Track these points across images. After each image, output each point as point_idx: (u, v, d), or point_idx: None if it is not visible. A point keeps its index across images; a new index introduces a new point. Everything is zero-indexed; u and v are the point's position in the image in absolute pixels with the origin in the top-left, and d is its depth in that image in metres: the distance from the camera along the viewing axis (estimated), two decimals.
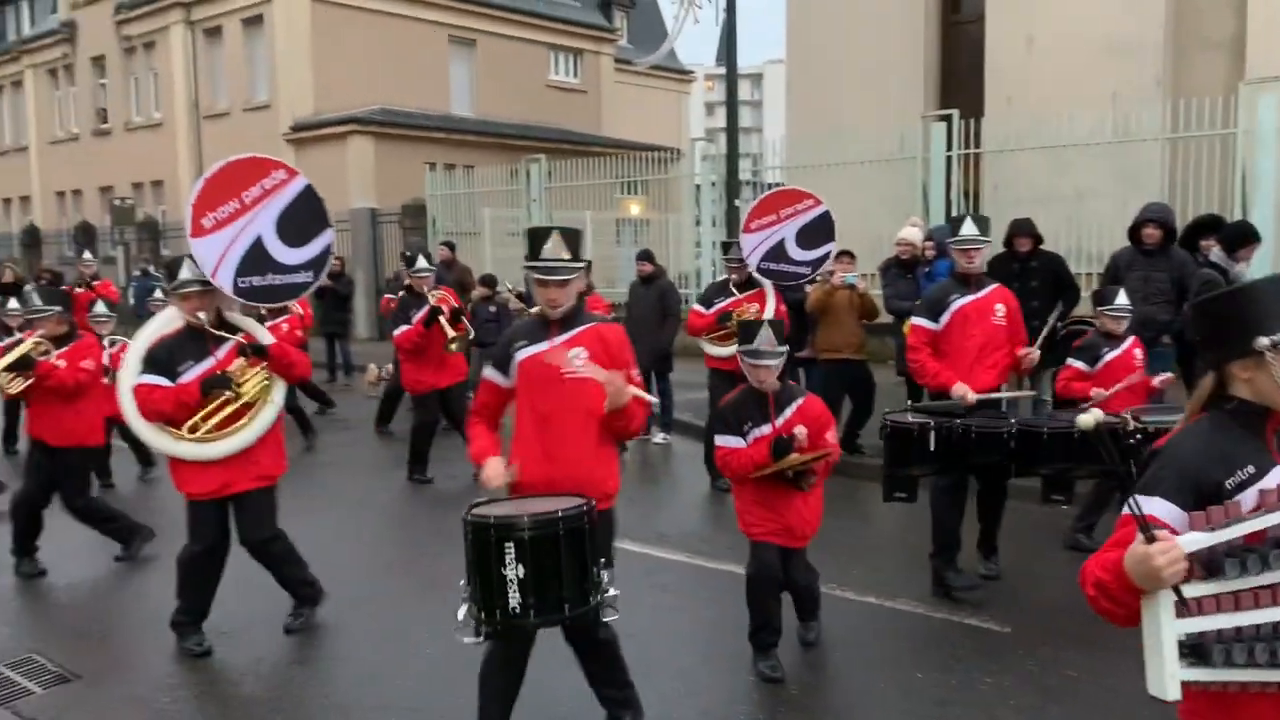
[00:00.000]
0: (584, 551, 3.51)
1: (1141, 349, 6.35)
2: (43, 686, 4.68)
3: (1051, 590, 5.69)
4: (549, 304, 3.78)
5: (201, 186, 4.91)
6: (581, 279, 3.88)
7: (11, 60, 33.04)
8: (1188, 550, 1.94)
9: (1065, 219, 11.42)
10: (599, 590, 3.61)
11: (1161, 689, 2.01)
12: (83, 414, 6.33)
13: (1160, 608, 1.97)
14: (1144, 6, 12.45)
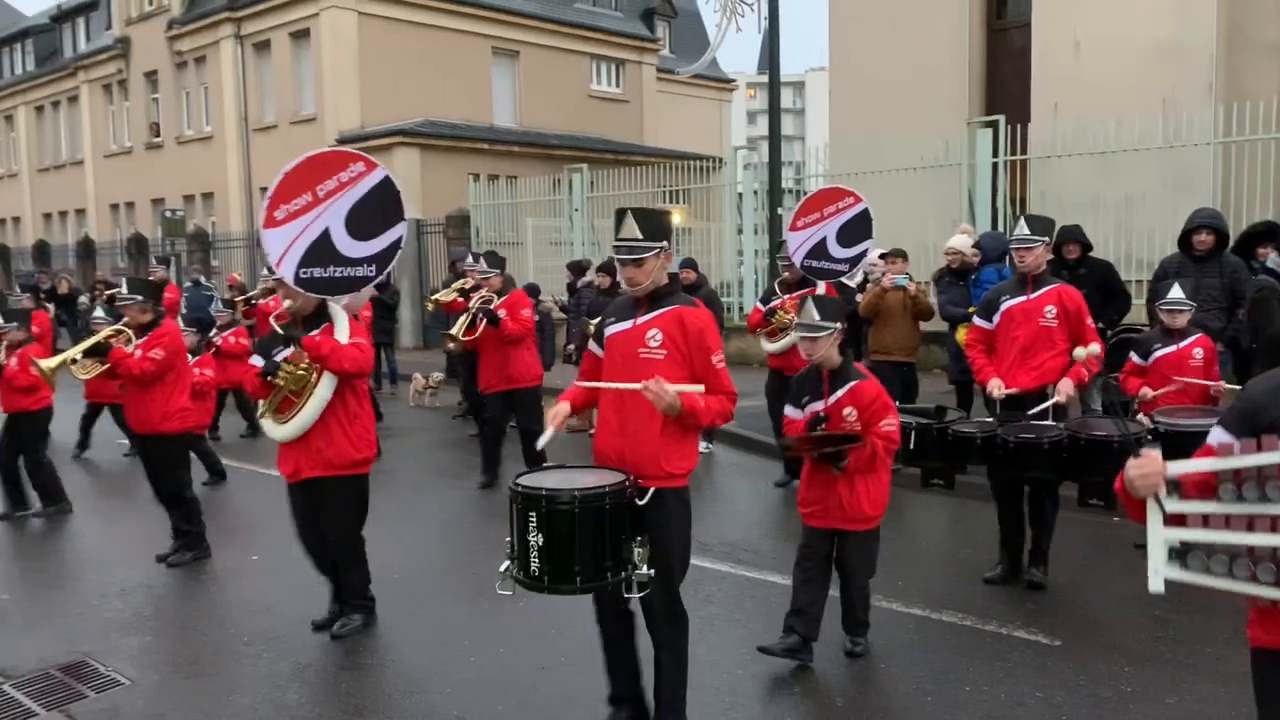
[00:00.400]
0: (601, 528, 3.63)
1: (1205, 349, 6.14)
2: (95, 690, 4.75)
3: (1102, 602, 5.59)
4: (627, 282, 3.87)
5: (280, 180, 5.11)
6: (660, 258, 3.82)
7: (69, 76, 33.85)
8: (1176, 472, 2.33)
9: (1114, 225, 11.26)
10: (622, 567, 3.70)
11: (1149, 582, 2.39)
12: (155, 401, 6.57)
13: (1152, 515, 2.38)
14: (1194, 9, 12.24)
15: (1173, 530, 2.36)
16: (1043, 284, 5.71)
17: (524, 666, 4.88)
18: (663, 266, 3.86)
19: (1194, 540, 2.33)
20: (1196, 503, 2.33)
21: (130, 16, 30.38)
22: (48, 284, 20.64)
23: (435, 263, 20.56)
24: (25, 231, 36.49)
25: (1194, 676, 4.57)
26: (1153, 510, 2.37)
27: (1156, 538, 2.38)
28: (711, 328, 3.85)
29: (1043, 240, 5.69)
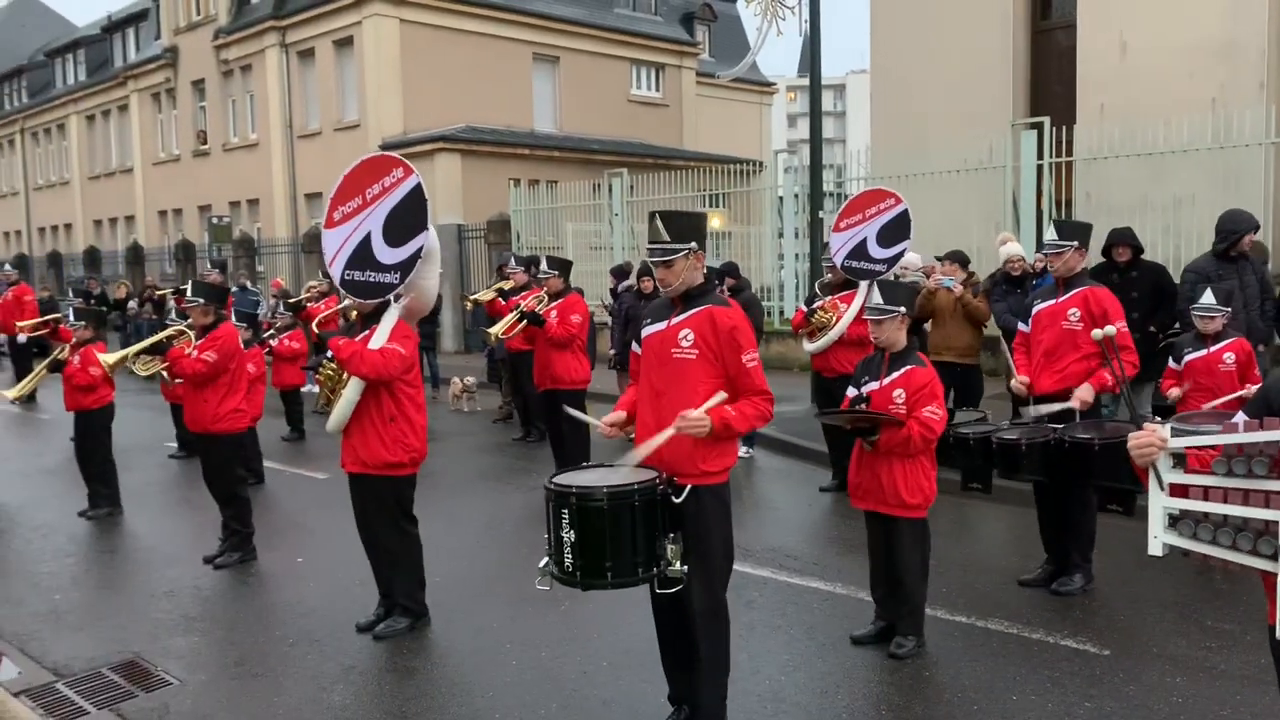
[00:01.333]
0: (632, 525, 3.71)
1: (1239, 352, 6.11)
2: (144, 690, 4.83)
3: (1152, 611, 5.49)
4: (659, 283, 3.95)
5: (340, 182, 5.31)
6: (690, 259, 3.85)
7: (119, 85, 34.52)
8: (1182, 446, 2.52)
9: (1162, 227, 11.08)
10: (656, 563, 3.75)
11: (1149, 546, 2.59)
12: (208, 402, 6.73)
13: (1152, 484, 2.57)
14: (1245, 7, 12.01)
15: (1173, 500, 2.57)
16: (1073, 287, 5.71)
17: (566, 670, 4.89)
18: (693, 267, 3.88)
19: (1190, 509, 2.54)
20: (1197, 475, 2.53)
21: (178, 26, 30.92)
22: (98, 289, 21.08)
23: (476, 267, 20.71)
24: (76, 238, 37.25)
25: (1248, 688, 4.47)
26: (1152, 480, 2.58)
27: (1156, 506, 2.58)
28: (743, 326, 3.84)
29: (1071, 245, 5.68)
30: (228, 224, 25.99)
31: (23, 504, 8.79)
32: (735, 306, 3.94)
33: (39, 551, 7.40)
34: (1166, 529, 2.57)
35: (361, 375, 5.16)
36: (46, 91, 39.92)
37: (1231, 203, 8.41)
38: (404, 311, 5.37)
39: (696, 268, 3.89)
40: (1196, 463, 2.55)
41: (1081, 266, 5.69)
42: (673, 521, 3.80)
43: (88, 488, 8.25)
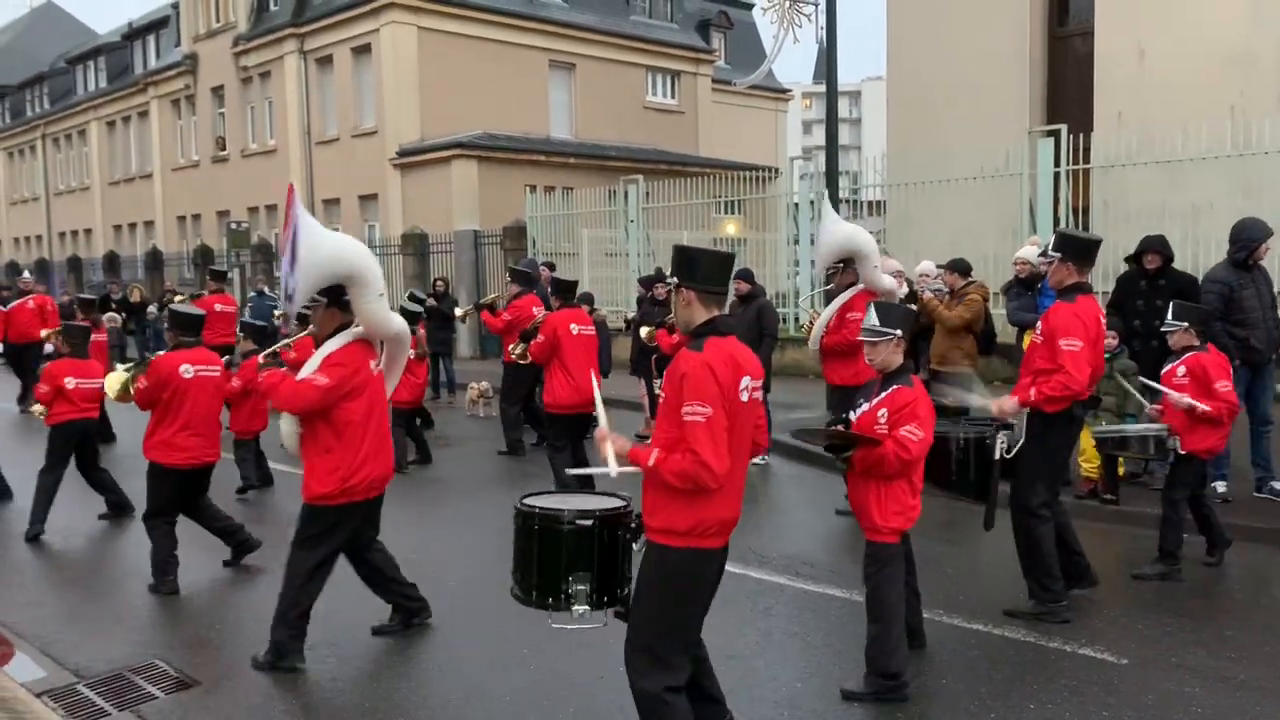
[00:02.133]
0: (550, 554, 3.72)
1: (1192, 366, 6.15)
2: (164, 692, 4.87)
3: (1170, 621, 5.47)
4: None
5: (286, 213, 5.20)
6: (683, 296, 3.62)
7: (139, 92, 34.83)
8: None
9: (1181, 235, 11.01)
10: (554, 596, 3.71)
11: None
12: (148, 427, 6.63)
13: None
14: (1264, 15, 11.97)
15: None
16: (1062, 299, 5.55)
17: (582, 675, 4.90)
18: (685, 304, 3.62)
19: None
20: None
21: (198, 33, 31.17)
22: (118, 294, 21.22)
23: (492, 273, 20.78)
24: (96, 243, 37.57)
25: (1267, 699, 4.45)
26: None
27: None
28: (693, 375, 3.43)
29: (1056, 257, 5.50)
30: (246, 229, 26.15)
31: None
32: (705, 351, 3.50)
33: (59, 554, 7.47)
34: None
35: (277, 408, 5.10)
36: (68, 98, 40.32)
37: (1251, 211, 8.38)
38: (355, 339, 5.10)
39: (688, 305, 3.62)
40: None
41: (1072, 281, 5.43)
42: (600, 562, 3.67)
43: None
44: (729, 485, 3.52)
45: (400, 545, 7.36)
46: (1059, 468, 5.75)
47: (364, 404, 5.07)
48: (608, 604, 3.75)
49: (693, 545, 3.51)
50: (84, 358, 8.21)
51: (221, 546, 7.04)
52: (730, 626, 5.53)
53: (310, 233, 4.88)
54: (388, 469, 5.31)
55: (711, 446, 3.38)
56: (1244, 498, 7.43)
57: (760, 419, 3.78)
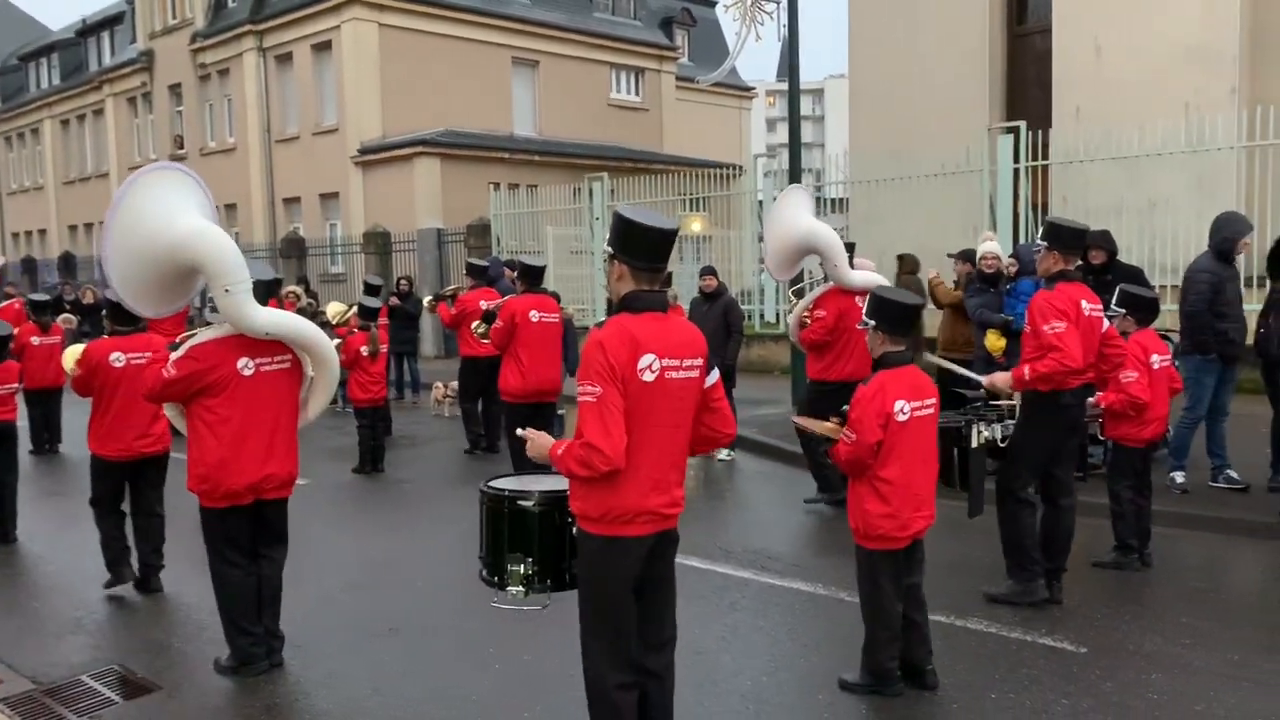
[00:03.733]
0: (495, 534, 3.83)
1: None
2: (125, 697, 4.80)
3: (1129, 610, 5.56)
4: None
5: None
6: (616, 269, 3.45)
7: (94, 89, 34.28)
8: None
9: (1138, 230, 11.21)
10: (499, 574, 3.79)
11: None
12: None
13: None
14: (1218, 13, 12.18)
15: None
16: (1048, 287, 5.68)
17: (550, 672, 4.90)
18: (617, 277, 3.46)
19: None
20: None
21: (154, 30, 30.72)
22: (72, 295, 20.87)
23: (456, 271, 20.67)
24: (51, 243, 36.93)
25: (1222, 684, 4.53)
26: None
27: None
28: (585, 354, 3.34)
29: (1042, 245, 5.62)
30: None
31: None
32: (607, 327, 3.40)
33: (15, 561, 7.35)
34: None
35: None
36: (20, 95, 39.60)
37: (1206, 206, 8.55)
38: (226, 334, 4.84)
39: (619, 278, 3.46)
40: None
41: (1059, 268, 5.53)
42: (542, 544, 3.68)
43: None
44: (640, 471, 3.34)
45: (365, 547, 7.35)
46: (1059, 456, 5.70)
47: (224, 404, 4.79)
48: (551, 586, 3.71)
49: (606, 533, 3.38)
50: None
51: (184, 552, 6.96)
52: (696, 621, 5.55)
53: (127, 218, 4.59)
54: (270, 475, 4.94)
55: (600, 428, 3.24)
56: (1200, 487, 7.56)
57: (714, 402, 3.58)
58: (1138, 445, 6.25)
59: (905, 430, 4.40)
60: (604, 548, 3.41)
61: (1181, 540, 6.82)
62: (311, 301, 14.53)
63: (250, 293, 4.75)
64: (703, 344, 3.53)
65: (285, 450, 5.01)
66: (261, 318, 4.81)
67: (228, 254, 4.71)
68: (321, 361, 5.13)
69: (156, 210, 4.62)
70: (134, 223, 4.61)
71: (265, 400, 4.89)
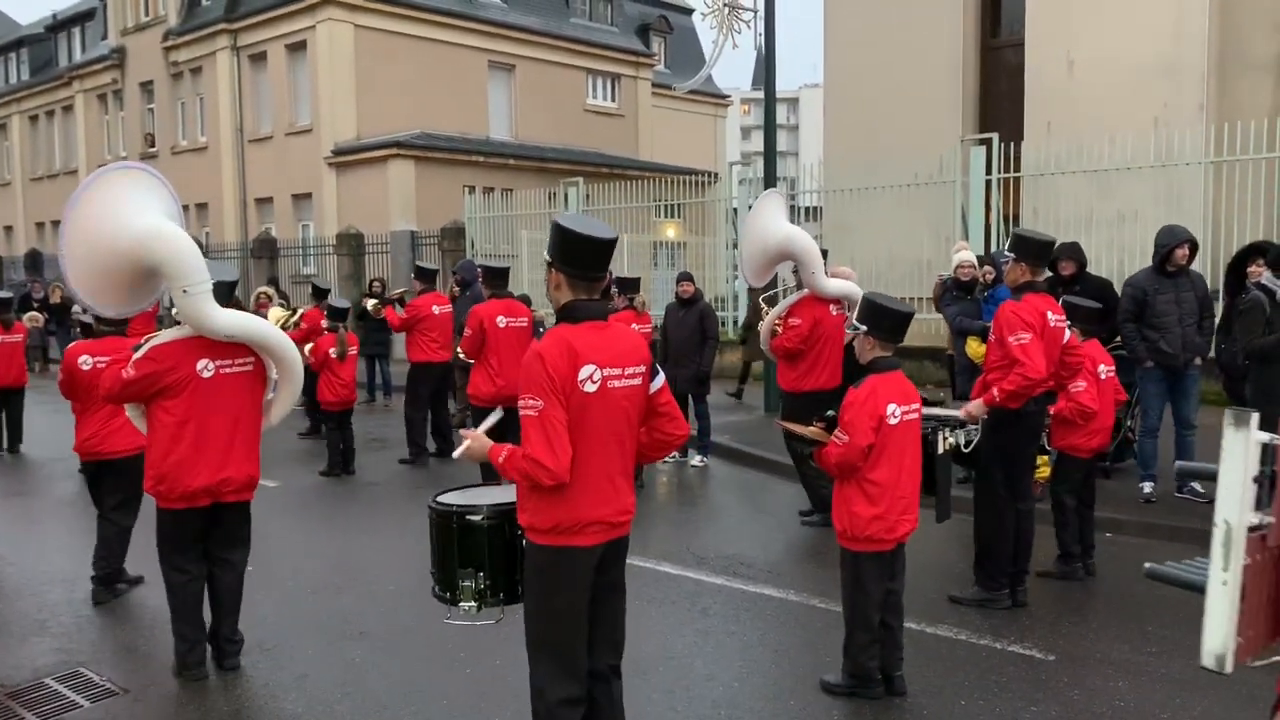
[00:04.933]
0: (444, 549, 3.78)
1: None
2: (90, 700, 4.74)
3: (1097, 618, 5.62)
4: None
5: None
6: (553, 277, 3.46)
7: (63, 85, 33.88)
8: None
9: (1107, 242, 11.34)
10: (450, 590, 3.74)
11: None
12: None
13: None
14: (1187, 29, 12.36)
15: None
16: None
17: (519, 677, 4.85)
18: (555, 286, 3.45)
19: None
20: None
21: (126, 27, 30.41)
22: (40, 293, 20.62)
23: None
24: (18, 240, 36.42)
25: (1187, 692, 4.59)
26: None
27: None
28: (525, 366, 3.33)
29: (1010, 257, 5.71)
30: None
31: None
32: (545, 337, 3.38)
33: None
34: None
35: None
36: None
37: (1173, 219, 8.66)
38: (184, 335, 4.79)
39: (556, 286, 3.46)
40: None
41: (1025, 280, 5.61)
42: (493, 558, 3.65)
43: None
44: (586, 480, 3.31)
45: (335, 550, 7.30)
46: (1018, 461, 5.78)
47: (182, 405, 4.75)
48: (505, 600, 3.69)
49: (555, 543, 3.35)
50: None
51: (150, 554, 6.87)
52: (668, 627, 5.56)
53: (83, 218, 4.54)
54: (227, 478, 4.88)
55: (543, 442, 3.21)
56: (1167, 497, 7.65)
57: (661, 407, 3.53)
58: (1083, 455, 6.32)
59: (895, 433, 4.47)
60: (553, 559, 3.37)
61: (1148, 550, 6.89)
62: (280, 304, 14.37)
63: (210, 294, 4.70)
64: (644, 351, 3.50)
65: (244, 453, 4.95)
66: (221, 319, 4.76)
67: (186, 255, 4.63)
68: (284, 365, 5.07)
69: (115, 210, 4.56)
70: (91, 222, 4.55)
71: (224, 403, 4.84)
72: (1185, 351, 7.60)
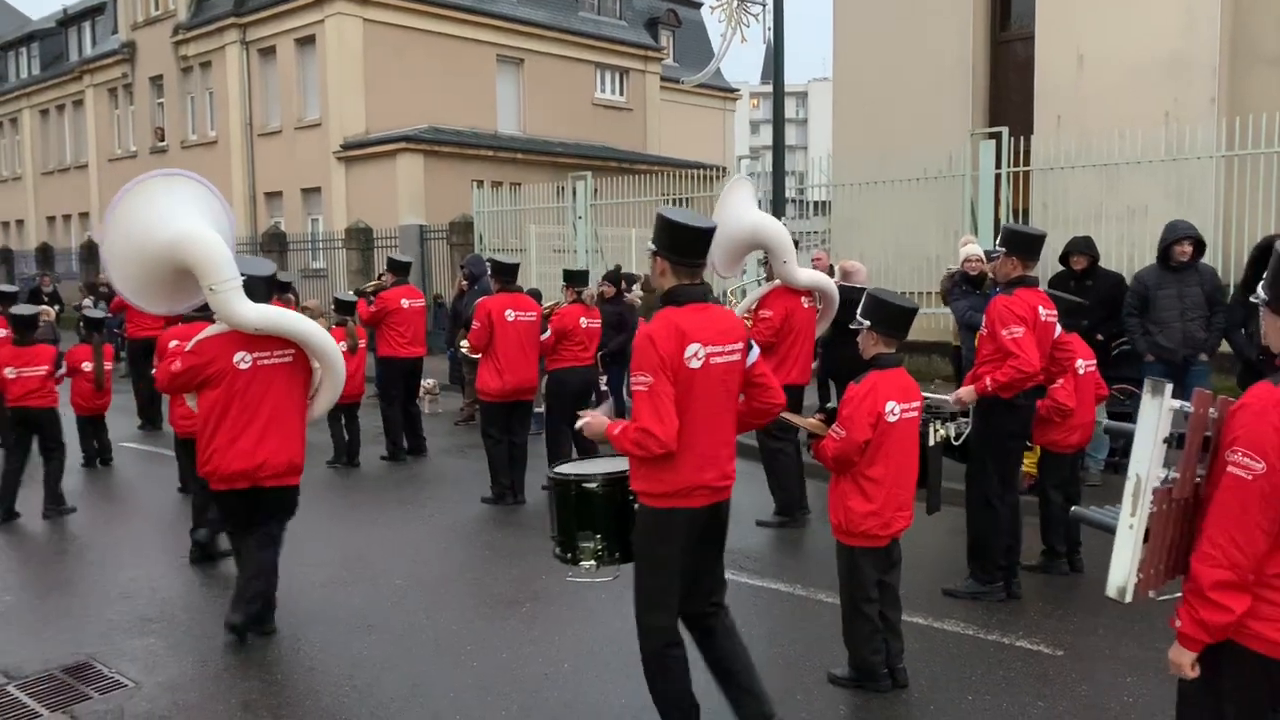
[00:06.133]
0: (563, 514, 4.08)
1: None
2: (99, 692, 4.76)
3: (1105, 614, 5.59)
4: None
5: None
6: (658, 264, 3.77)
7: (74, 80, 33.96)
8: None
9: (1117, 237, 11.29)
10: (571, 551, 4.05)
11: None
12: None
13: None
14: (1198, 23, 12.28)
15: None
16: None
17: (527, 672, 4.89)
18: (660, 273, 3.78)
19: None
20: None
21: (136, 21, 30.48)
22: (50, 287, 20.68)
23: (438, 269, 20.62)
24: (29, 234, 36.58)
25: None
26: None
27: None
28: (636, 347, 3.64)
29: (1000, 251, 5.73)
30: None
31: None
32: (654, 320, 3.71)
33: None
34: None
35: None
36: None
37: (1183, 214, 8.61)
38: (223, 330, 5.11)
39: (661, 273, 3.78)
40: None
41: (1017, 274, 5.60)
42: (609, 522, 3.96)
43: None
44: (693, 449, 3.63)
45: (344, 544, 7.31)
46: (1009, 453, 5.82)
47: (223, 394, 5.08)
48: (620, 559, 3.99)
49: (666, 506, 3.68)
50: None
51: (162, 545, 6.92)
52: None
53: (122, 222, 4.95)
54: (264, 463, 5.17)
55: (653, 414, 3.53)
56: None
57: (758, 379, 3.88)
58: (1065, 451, 6.30)
59: (893, 430, 4.46)
60: (664, 520, 3.71)
61: None
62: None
63: (238, 291, 4.94)
64: (741, 329, 3.85)
65: (282, 440, 5.21)
66: (250, 314, 4.99)
67: (214, 255, 4.89)
68: (320, 356, 5.32)
69: (150, 215, 4.92)
70: (128, 226, 4.94)
71: (261, 393, 5.13)
72: (1185, 347, 7.54)
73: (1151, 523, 2.61)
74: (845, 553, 4.60)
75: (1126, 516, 2.61)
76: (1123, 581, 2.62)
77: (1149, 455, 2.59)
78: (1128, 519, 2.61)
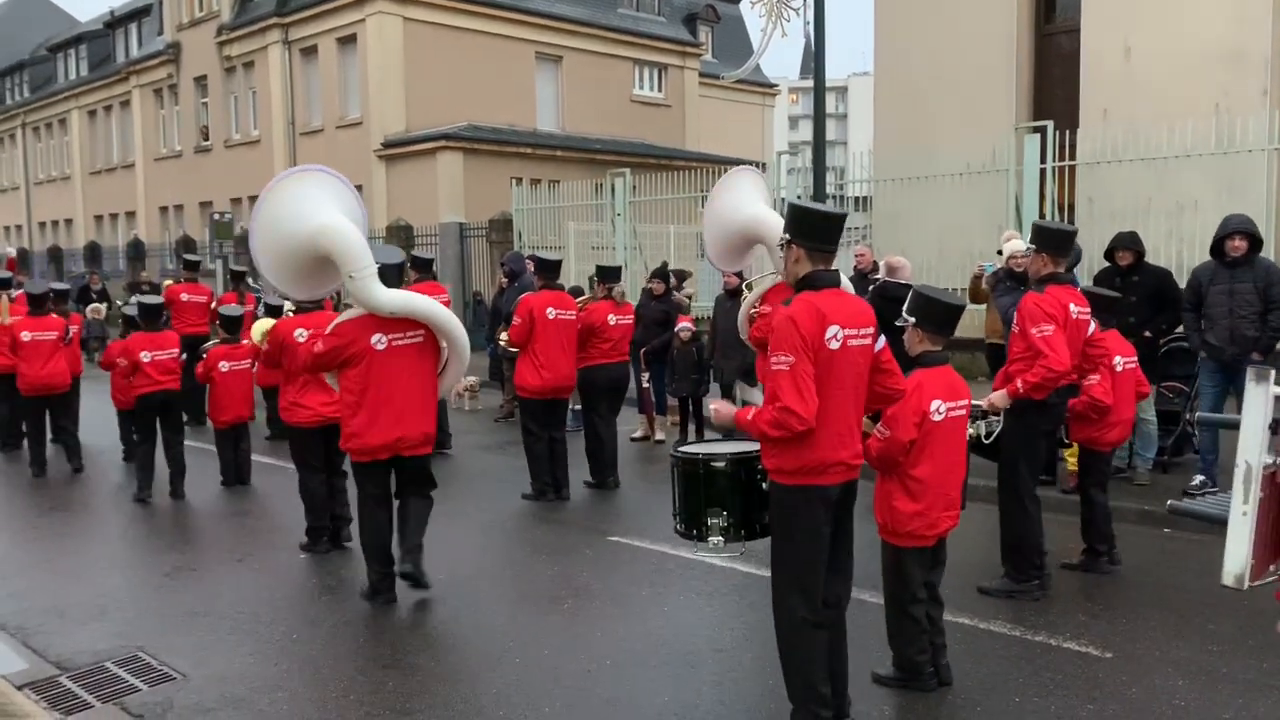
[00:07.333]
0: (691, 492, 4.29)
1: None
2: (148, 684, 4.83)
3: (1154, 615, 5.49)
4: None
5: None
6: (793, 252, 3.89)
7: (121, 81, 34.53)
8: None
9: (1165, 232, 11.09)
10: (698, 528, 4.26)
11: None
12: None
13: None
14: (1249, 15, 12.03)
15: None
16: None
17: (569, 669, 4.90)
18: (795, 260, 3.88)
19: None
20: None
21: (181, 22, 30.93)
22: (99, 285, 21.07)
23: (478, 265, 20.73)
24: (77, 233, 37.26)
25: (1250, 692, 4.48)
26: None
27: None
28: (777, 328, 3.72)
29: (1031, 248, 5.71)
30: (230, 220, 25.98)
31: (10, 497, 8.79)
32: (794, 304, 3.77)
33: (42, 545, 7.41)
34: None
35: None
36: (48, 86, 39.93)
37: (1235, 208, 8.41)
38: (360, 314, 5.57)
39: (796, 260, 3.89)
40: None
41: (1048, 271, 5.54)
42: (736, 499, 4.16)
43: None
44: (829, 427, 3.74)
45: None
46: (1040, 452, 5.81)
47: (360, 373, 5.54)
48: (745, 536, 4.18)
49: (800, 483, 3.78)
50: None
51: (210, 536, 7.00)
52: (717, 620, 5.54)
53: (267, 216, 5.42)
54: (403, 436, 5.66)
55: (794, 392, 3.63)
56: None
57: (885, 364, 3.97)
58: (1103, 449, 6.21)
59: (939, 430, 4.39)
60: (800, 497, 3.81)
61: (1203, 546, 6.74)
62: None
63: (374, 277, 5.42)
64: (871, 315, 3.93)
65: (417, 415, 5.70)
66: (385, 298, 5.47)
67: (352, 244, 5.35)
68: (449, 337, 5.73)
69: (295, 209, 5.39)
70: (276, 219, 5.42)
71: (397, 371, 5.58)
72: (1232, 345, 7.33)
73: (1259, 509, 2.60)
74: (891, 552, 4.55)
75: (1239, 504, 2.60)
76: (1240, 569, 2.62)
77: (1259, 442, 2.55)
78: (1240, 507, 2.59)
